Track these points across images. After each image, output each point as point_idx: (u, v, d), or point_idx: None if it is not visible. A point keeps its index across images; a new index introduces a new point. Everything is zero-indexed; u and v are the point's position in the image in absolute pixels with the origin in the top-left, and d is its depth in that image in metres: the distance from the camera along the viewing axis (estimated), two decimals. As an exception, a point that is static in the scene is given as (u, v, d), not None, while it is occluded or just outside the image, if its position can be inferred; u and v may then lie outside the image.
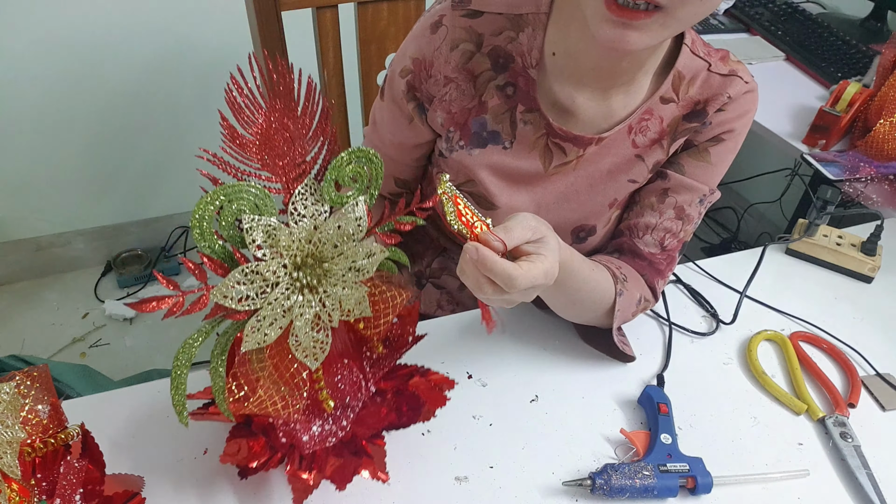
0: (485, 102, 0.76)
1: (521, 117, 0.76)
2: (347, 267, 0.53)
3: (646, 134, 0.77)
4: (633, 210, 0.83)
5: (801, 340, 0.84)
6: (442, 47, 0.75)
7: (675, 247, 0.81)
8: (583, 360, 0.80)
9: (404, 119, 0.82)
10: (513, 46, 0.74)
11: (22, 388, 0.55)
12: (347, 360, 0.61)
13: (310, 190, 0.52)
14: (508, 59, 0.75)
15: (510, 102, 0.76)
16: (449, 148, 0.80)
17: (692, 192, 0.79)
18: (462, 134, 0.78)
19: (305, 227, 0.51)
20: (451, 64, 0.75)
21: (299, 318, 0.52)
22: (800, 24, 1.58)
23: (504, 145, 0.78)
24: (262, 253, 0.49)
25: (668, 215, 0.80)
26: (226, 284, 0.48)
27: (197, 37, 1.81)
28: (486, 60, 0.75)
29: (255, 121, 0.49)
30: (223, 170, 0.50)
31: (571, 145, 0.77)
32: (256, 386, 0.54)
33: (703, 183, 0.79)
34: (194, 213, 0.47)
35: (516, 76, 0.75)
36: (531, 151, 0.78)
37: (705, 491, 0.66)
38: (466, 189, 0.81)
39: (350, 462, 0.59)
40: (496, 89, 0.76)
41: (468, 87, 0.76)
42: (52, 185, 1.92)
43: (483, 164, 0.79)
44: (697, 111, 0.77)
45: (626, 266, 0.80)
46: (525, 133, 0.77)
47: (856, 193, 1.08)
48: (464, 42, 0.74)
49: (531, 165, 0.79)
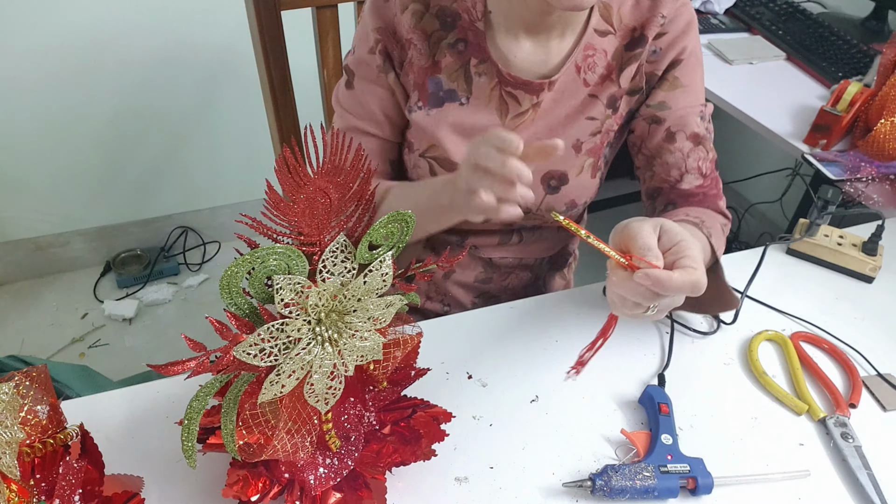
0: (438, 62, 0.79)
1: (474, 70, 0.79)
2: (366, 317, 0.54)
3: (594, 70, 0.80)
4: (655, 165, 0.85)
5: (801, 341, 0.84)
6: (396, 11, 0.78)
7: (710, 168, 0.85)
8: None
9: (387, 94, 0.83)
10: (458, 5, 0.78)
11: (21, 388, 0.55)
12: (353, 398, 0.61)
13: (340, 248, 0.53)
14: (455, 17, 0.78)
15: (463, 57, 0.79)
16: (409, 108, 0.82)
17: (688, 115, 0.82)
18: (420, 94, 0.81)
19: (333, 285, 0.52)
20: (405, 25, 0.78)
21: (318, 371, 0.52)
22: (801, 24, 1.58)
23: (461, 101, 0.81)
24: (289, 311, 0.49)
25: (686, 147, 0.82)
26: (250, 342, 0.48)
27: (197, 37, 1.81)
28: (434, 21, 0.78)
29: (301, 188, 0.49)
30: (260, 232, 0.50)
31: (523, 92, 0.80)
32: (267, 431, 0.54)
33: (692, 103, 0.82)
34: (226, 271, 0.48)
35: (465, 31, 0.78)
36: (487, 105, 0.81)
37: (706, 492, 0.66)
38: (430, 155, 0.83)
39: (351, 497, 0.60)
40: (448, 48, 0.79)
41: (423, 47, 0.79)
42: (52, 186, 1.92)
43: (442, 123, 0.81)
44: (636, 38, 0.80)
45: (691, 208, 0.83)
46: (480, 85, 0.80)
47: (857, 193, 1.08)
48: (412, 3, 0.77)
49: (488, 119, 0.81)
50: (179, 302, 2.02)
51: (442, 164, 0.83)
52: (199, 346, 0.49)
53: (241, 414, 0.54)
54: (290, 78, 1.07)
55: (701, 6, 1.68)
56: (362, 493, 0.60)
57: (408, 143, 0.86)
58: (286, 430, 0.54)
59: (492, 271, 0.98)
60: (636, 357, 0.81)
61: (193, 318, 1.96)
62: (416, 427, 0.64)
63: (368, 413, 0.64)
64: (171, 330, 1.92)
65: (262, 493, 0.58)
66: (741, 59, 1.48)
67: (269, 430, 0.54)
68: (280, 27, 1.02)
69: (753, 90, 1.38)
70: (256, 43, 1.04)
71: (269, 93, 1.08)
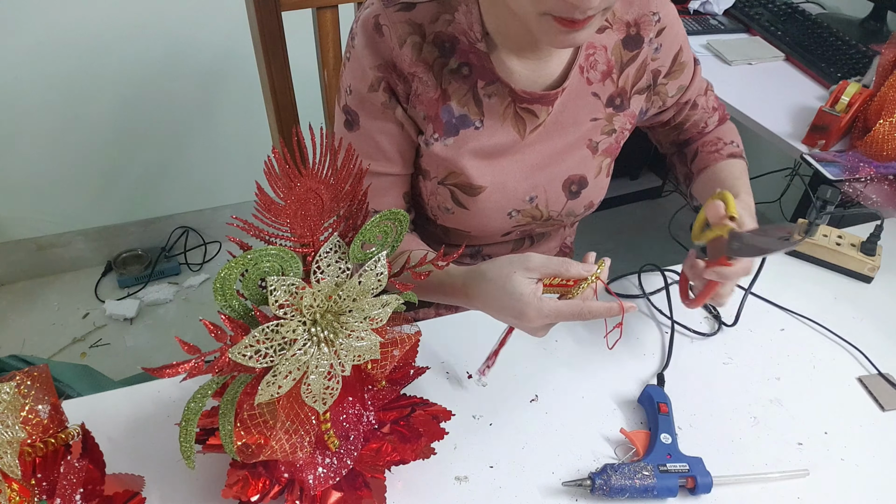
0: (445, 90, 0.77)
1: (483, 92, 0.78)
2: (363, 317, 0.54)
3: (596, 68, 0.81)
4: (684, 126, 0.96)
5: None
6: (394, 46, 0.75)
7: (715, 99, 0.96)
8: (583, 360, 0.80)
9: (396, 128, 0.81)
10: (453, 28, 0.76)
11: (22, 388, 0.55)
12: (352, 397, 0.61)
13: (334, 248, 0.53)
14: (454, 41, 0.76)
15: (469, 81, 0.77)
16: (426, 141, 0.80)
17: (696, 81, 0.91)
18: (435, 126, 0.79)
19: (328, 285, 0.52)
20: (406, 59, 0.76)
21: (314, 371, 0.52)
22: (799, 25, 1.58)
23: (475, 125, 0.79)
24: (283, 311, 0.49)
25: (702, 101, 0.94)
26: (245, 344, 0.48)
27: (197, 37, 1.81)
28: (434, 49, 0.76)
29: (292, 190, 0.49)
30: (253, 235, 0.50)
31: (539, 105, 0.79)
32: (266, 432, 0.54)
33: (693, 71, 0.90)
34: (219, 274, 0.48)
35: (466, 54, 0.76)
36: (503, 123, 0.79)
37: (705, 491, 0.66)
38: (450, 182, 0.82)
39: (350, 497, 0.60)
40: (451, 74, 0.77)
41: (429, 78, 0.77)
42: (53, 186, 1.92)
43: (461, 151, 0.80)
44: (633, 36, 0.82)
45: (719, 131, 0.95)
46: (492, 106, 0.78)
47: (855, 193, 1.08)
48: (409, 35, 0.75)
49: (507, 137, 0.80)
50: (180, 302, 2.02)
51: (464, 190, 0.82)
52: (194, 348, 0.49)
53: (239, 415, 0.54)
54: (290, 78, 1.07)
55: (700, 7, 1.68)
56: (362, 492, 0.60)
57: (422, 171, 0.84)
58: (284, 431, 0.54)
59: None
60: (636, 357, 0.81)
61: (194, 318, 1.96)
62: (415, 426, 0.65)
63: (367, 412, 0.64)
64: (173, 330, 1.92)
65: (262, 493, 0.59)
66: (740, 59, 1.48)
67: (268, 431, 0.54)
68: (280, 27, 1.02)
69: (752, 91, 1.39)
70: (256, 43, 1.04)
71: (269, 93, 1.08)
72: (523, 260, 0.64)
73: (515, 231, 0.89)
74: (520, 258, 0.65)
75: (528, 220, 0.87)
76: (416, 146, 0.83)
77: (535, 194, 0.84)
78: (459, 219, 0.85)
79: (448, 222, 0.86)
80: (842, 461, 0.71)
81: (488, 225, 0.85)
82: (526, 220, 0.86)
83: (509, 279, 0.64)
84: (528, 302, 0.62)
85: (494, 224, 0.85)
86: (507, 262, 0.65)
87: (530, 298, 0.63)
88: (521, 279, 0.63)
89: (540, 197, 0.84)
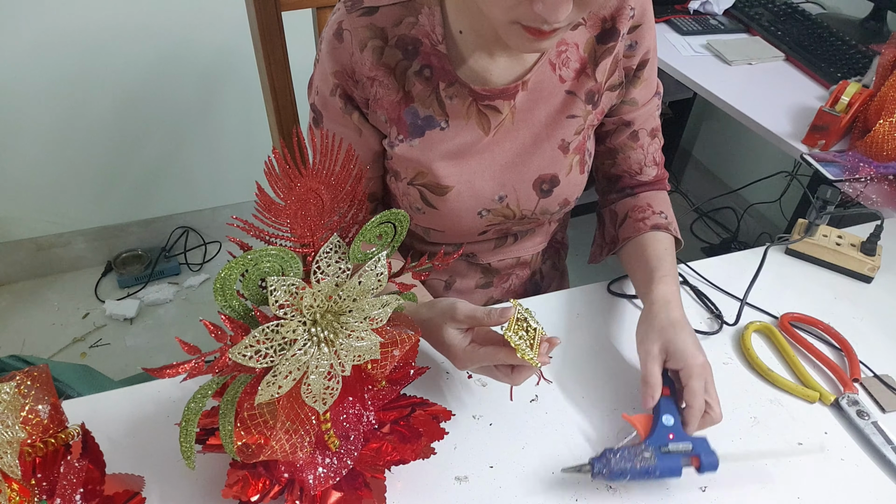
0: (409, 92, 0.79)
1: (445, 93, 0.78)
2: (363, 318, 0.54)
3: (568, 65, 0.81)
4: (618, 157, 0.91)
5: (791, 322, 0.85)
6: (354, 51, 0.76)
7: (660, 153, 0.92)
8: (583, 360, 0.80)
9: (354, 133, 0.83)
10: (416, 30, 0.77)
11: (22, 388, 0.55)
12: (352, 397, 0.61)
13: (334, 248, 0.53)
14: (416, 44, 0.77)
15: (431, 84, 0.78)
16: (390, 143, 0.82)
17: (650, 110, 0.88)
18: (399, 128, 0.80)
19: (328, 285, 0.52)
20: (366, 64, 0.77)
21: (314, 371, 0.52)
22: (799, 25, 1.58)
23: (441, 126, 0.80)
24: (283, 312, 0.49)
25: (647, 141, 0.90)
26: (245, 344, 0.48)
27: (197, 37, 1.81)
28: (396, 52, 0.77)
29: (292, 190, 0.49)
30: (253, 235, 0.50)
31: (501, 100, 0.80)
32: (266, 432, 0.54)
33: (651, 93, 0.88)
34: (219, 274, 0.48)
35: (428, 57, 0.77)
36: (468, 122, 0.80)
37: (711, 469, 0.65)
38: (419, 182, 0.83)
39: (350, 497, 0.60)
40: (415, 76, 0.78)
41: (390, 82, 0.78)
42: (53, 186, 1.92)
43: (428, 152, 0.80)
44: (608, 30, 0.81)
45: (650, 197, 0.90)
46: (454, 107, 0.79)
47: (855, 193, 1.08)
48: (371, 39, 0.76)
49: (473, 136, 0.81)
50: (180, 302, 2.03)
51: (432, 190, 0.83)
52: (194, 349, 0.49)
53: (239, 415, 0.54)
54: (290, 78, 1.07)
55: (700, 7, 1.68)
56: (362, 492, 0.60)
57: (392, 171, 0.85)
58: (284, 431, 0.54)
59: (491, 276, 0.99)
60: (636, 358, 0.81)
61: (194, 318, 1.96)
62: (415, 425, 0.65)
63: (368, 412, 0.64)
64: (173, 330, 1.92)
65: (262, 493, 0.59)
66: (740, 59, 1.48)
67: (268, 431, 0.54)
68: (280, 27, 1.02)
69: (752, 91, 1.39)
70: (256, 43, 1.04)
71: (269, 93, 1.08)
72: (451, 311, 0.68)
73: (491, 230, 0.89)
74: (449, 308, 0.68)
75: (501, 220, 0.87)
76: (380, 150, 0.85)
77: (505, 193, 0.84)
78: (431, 218, 0.86)
79: (421, 222, 0.88)
80: (842, 461, 0.71)
81: (459, 224, 0.86)
82: (498, 219, 0.87)
83: (440, 329, 0.69)
84: (455, 353, 0.69)
85: (465, 223, 0.86)
86: (439, 311, 0.69)
87: (457, 350, 0.68)
88: (450, 331, 0.68)
89: (510, 196, 0.85)
